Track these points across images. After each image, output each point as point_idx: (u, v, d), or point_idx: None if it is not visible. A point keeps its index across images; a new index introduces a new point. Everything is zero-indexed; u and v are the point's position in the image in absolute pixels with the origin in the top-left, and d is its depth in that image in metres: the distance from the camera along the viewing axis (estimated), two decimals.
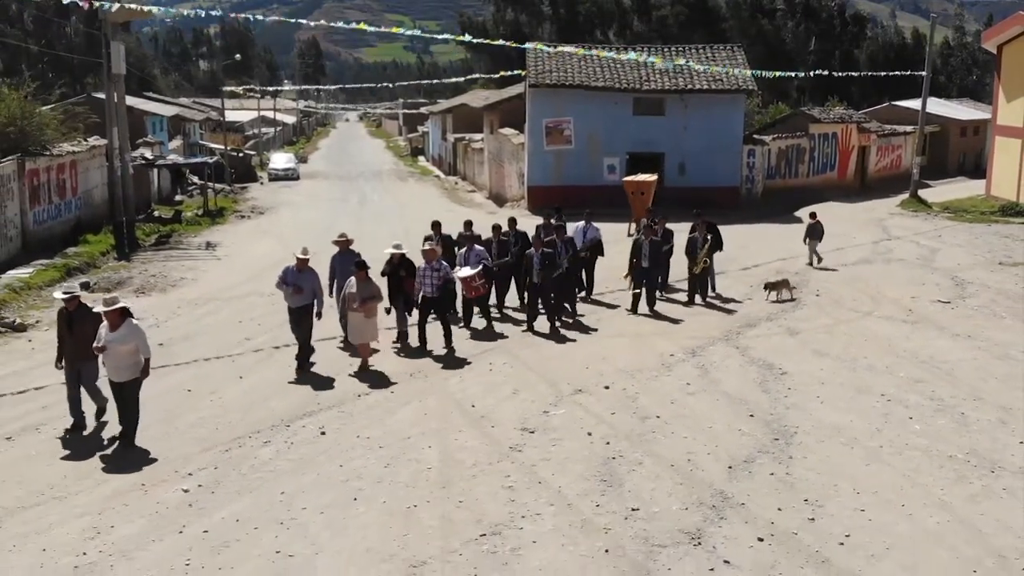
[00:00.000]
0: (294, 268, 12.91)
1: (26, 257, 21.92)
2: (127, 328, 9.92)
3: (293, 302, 12.85)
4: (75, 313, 10.35)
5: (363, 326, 12.78)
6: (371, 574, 7.29)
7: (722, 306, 17.30)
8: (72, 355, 10.34)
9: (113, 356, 9.87)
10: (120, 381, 9.95)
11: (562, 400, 11.65)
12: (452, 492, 8.84)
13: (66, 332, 10.36)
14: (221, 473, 9.32)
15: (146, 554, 7.61)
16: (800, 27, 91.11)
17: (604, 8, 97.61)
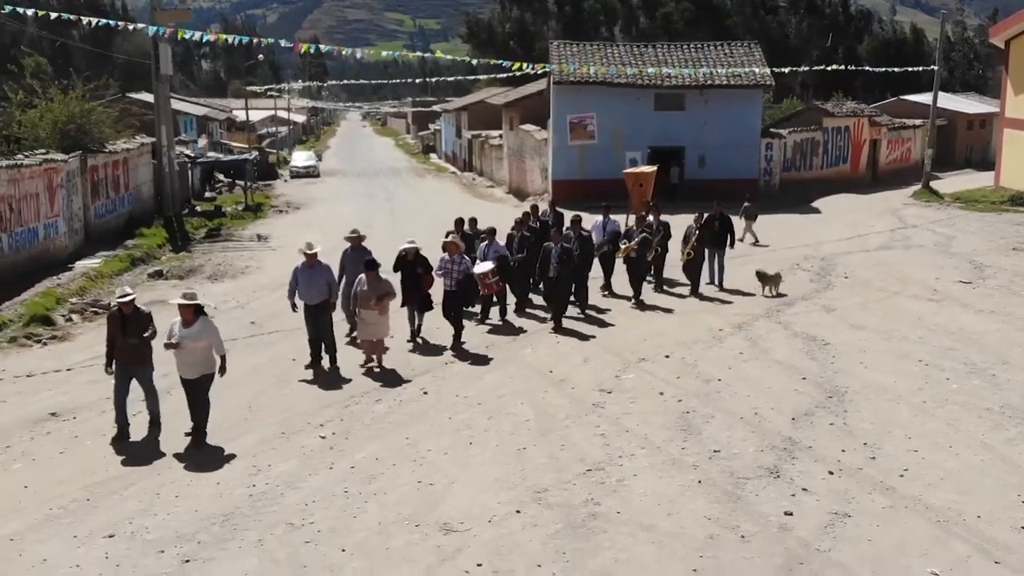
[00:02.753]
0: (304, 266, 12.57)
1: (89, 249, 23.11)
2: (201, 324, 9.79)
3: (309, 299, 12.51)
4: (130, 316, 9.94)
5: (376, 323, 12.53)
6: (502, 498, 8.51)
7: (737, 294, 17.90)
8: (127, 358, 9.95)
9: (186, 352, 9.70)
10: (191, 378, 9.81)
11: (629, 367, 12.87)
12: (553, 438, 10.07)
13: (119, 335, 9.91)
14: (348, 425, 10.56)
15: (307, 484, 8.86)
16: (803, 23, 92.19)
17: (609, 5, 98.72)
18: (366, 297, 12.42)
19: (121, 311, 9.98)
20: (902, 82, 64.73)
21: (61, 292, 17.86)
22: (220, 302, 17.34)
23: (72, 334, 14.88)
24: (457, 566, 7.29)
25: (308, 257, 12.58)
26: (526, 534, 7.82)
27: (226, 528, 7.97)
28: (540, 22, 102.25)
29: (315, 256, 12.62)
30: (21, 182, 19.29)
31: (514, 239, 16.30)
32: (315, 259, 12.60)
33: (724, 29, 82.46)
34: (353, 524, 8.04)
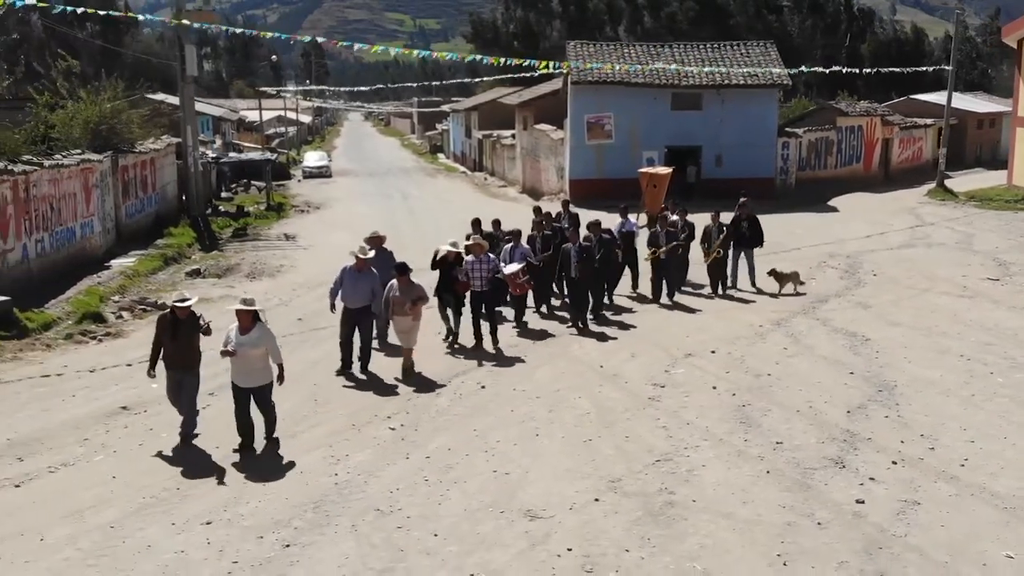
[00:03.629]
0: (353, 268, 12.43)
1: (121, 248, 23.37)
2: (259, 331, 9.53)
3: (351, 302, 12.37)
4: (184, 321, 9.72)
5: (409, 330, 12.29)
6: (578, 487, 8.77)
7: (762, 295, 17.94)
8: (174, 363, 9.76)
9: (243, 360, 9.46)
10: (247, 386, 9.60)
11: (677, 362, 13.14)
12: (616, 430, 10.33)
13: (169, 340, 9.69)
14: (414, 417, 10.82)
15: (387, 473, 9.13)
16: (806, 22, 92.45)
17: (614, 5, 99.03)
18: (400, 302, 12.14)
19: (174, 314, 9.72)
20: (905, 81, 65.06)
21: (103, 290, 18.12)
22: (263, 300, 17.56)
23: (125, 331, 15.14)
24: (548, 550, 7.54)
25: (359, 261, 12.42)
26: (608, 521, 8.07)
27: (318, 514, 8.23)
28: (544, 22, 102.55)
29: (367, 262, 12.49)
30: (61, 182, 19.55)
31: (536, 239, 16.18)
32: (366, 264, 12.47)
33: (728, 29, 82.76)
34: (440, 511, 8.29)
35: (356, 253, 12.49)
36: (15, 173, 17.01)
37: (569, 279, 15.10)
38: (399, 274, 12.27)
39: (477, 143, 59.79)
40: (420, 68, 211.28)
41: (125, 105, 25.42)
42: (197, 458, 9.62)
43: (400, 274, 12.26)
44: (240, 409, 9.67)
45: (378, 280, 12.57)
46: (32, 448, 9.89)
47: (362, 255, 12.42)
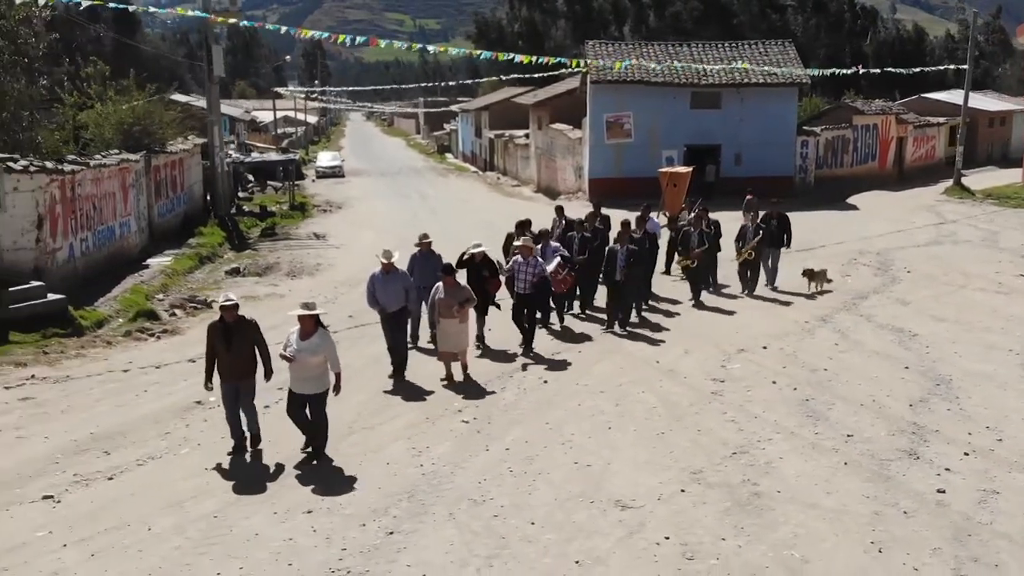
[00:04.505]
0: (380, 273, 12.24)
1: (154, 247, 23.52)
2: (320, 337, 9.20)
3: (387, 306, 12.19)
4: (234, 325, 9.32)
5: (457, 333, 12.01)
6: (661, 478, 8.96)
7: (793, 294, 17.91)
8: (230, 372, 9.35)
9: (302, 366, 9.16)
10: (306, 393, 9.28)
11: (731, 357, 13.32)
12: (687, 424, 10.52)
13: (223, 347, 9.30)
14: (485, 411, 11.01)
15: (472, 464, 9.34)
16: (810, 21, 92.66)
17: (619, 4, 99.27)
18: (447, 304, 11.85)
19: (223, 320, 9.30)
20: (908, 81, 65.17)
21: (147, 289, 18.28)
22: (309, 298, 17.74)
23: (180, 328, 15.32)
24: (646, 538, 7.73)
25: (385, 265, 12.13)
26: (698, 511, 8.26)
27: (414, 504, 8.41)
28: (550, 21, 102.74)
29: (392, 265, 12.20)
30: (102, 182, 19.72)
31: (574, 240, 16.01)
32: (392, 266, 12.20)
33: (732, 28, 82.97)
34: (531, 500, 8.48)
35: (380, 258, 12.27)
36: (64, 172, 17.18)
37: (614, 283, 14.88)
38: (445, 275, 12.09)
39: (488, 143, 59.95)
40: (421, 69, 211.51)
41: (158, 105, 25.57)
42: (284, 450, 9.78)
43: (446, 275, 12.08)
44: (296, 418, 9.49)
45: (409, 279, 12.50)
46: (116, 442, 10.07)
47: (385, 259, 12.16)
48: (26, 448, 9.86)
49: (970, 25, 41.37)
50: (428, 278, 12.97)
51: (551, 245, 15.11)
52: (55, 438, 10.12)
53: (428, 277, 13.01)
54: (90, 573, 7.22)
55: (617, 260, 14.78)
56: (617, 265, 14.75)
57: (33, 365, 12.79)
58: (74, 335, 14.56)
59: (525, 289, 13.50)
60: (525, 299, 13.56)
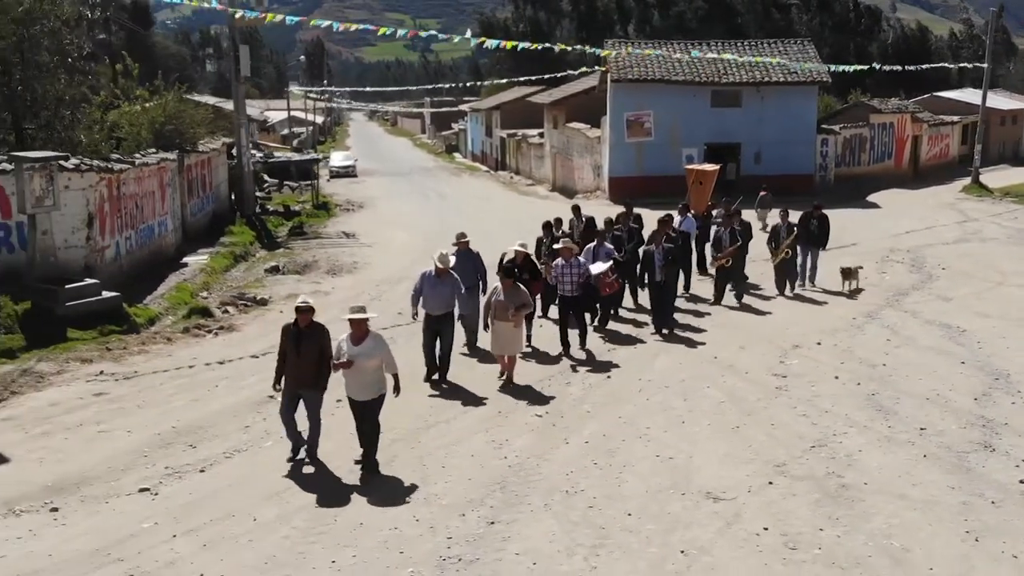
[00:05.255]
0: (433, 275, 11.95)
1: (188, 246, 23.64)
2: (373, 341, 9.00)
3: (432, 308, 11.95)
4: (305, 330, 9.07)
5: (512, 336, 11.81)
6: (746, 470, 9.10)
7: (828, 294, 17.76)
8: (295, 378, 9.11)
9: (358, 372, 8.91)
10: (363, 399, 9.03)
11: (788, 353, 13.45)
12: (759, 418, 10.65)
13: (293, 351, 9.08)
14: (555, 405, 11.18)
15: (555, 456, 9.50)
16: (814, 20, 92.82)
17: (623, 4, 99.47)
18: (503, 307, 11.61)
19: (297, 323, 9.11)
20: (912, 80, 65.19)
21: (192, 287, 18.41)
22: (353, 296, 17.90)
23: (235, 325, 15.44)
24: (745, 529, 7.86)
25: (439, 270, 11.84)
26: (789, 503, 8.39)
27: (508, 494, 8.55)
28: (554, 21, 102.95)
29: (447, 270, 11.95)
30: (143, 180, 19.85)
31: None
32: (447, 272, 11.94)
33: (736, 27, 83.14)
34: (622, 492, 8.62)
35: (436, 262, 11.87)
36: (113, 171, 17.30)
37: (653, 283, 14.71)
38: (504, 277, 11.82)
39: (500, 142, 60.07)
40: (422, 69, 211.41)
41: (188, 105, 25.69)
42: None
43: (505, 277, 11.81)
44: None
45: (460, 285, 12.19)
46: (198, 436, 10.20)
47: (442, 264, 11.83)
48: (111, 442, 9.99)
49: (989, 23, 41.43)
50: (467, 277, 12.85)
51: (605, 247, 14.92)
52: (138, 432, 10.25)
53: (467, 276, 12.88)
54: (205, 562, 7.35)
55: (655, 261, 14.58)
56: (656, 266, 14.54)
57: (99, 361, 12.91)
58: (129, 332, 14.69)
59: (571, 292, 13.24)
60: (571, 302, 13.32)
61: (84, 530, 7.93)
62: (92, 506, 8.44)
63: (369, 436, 9.10)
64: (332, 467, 9.28)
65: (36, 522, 8.11)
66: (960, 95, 54.46)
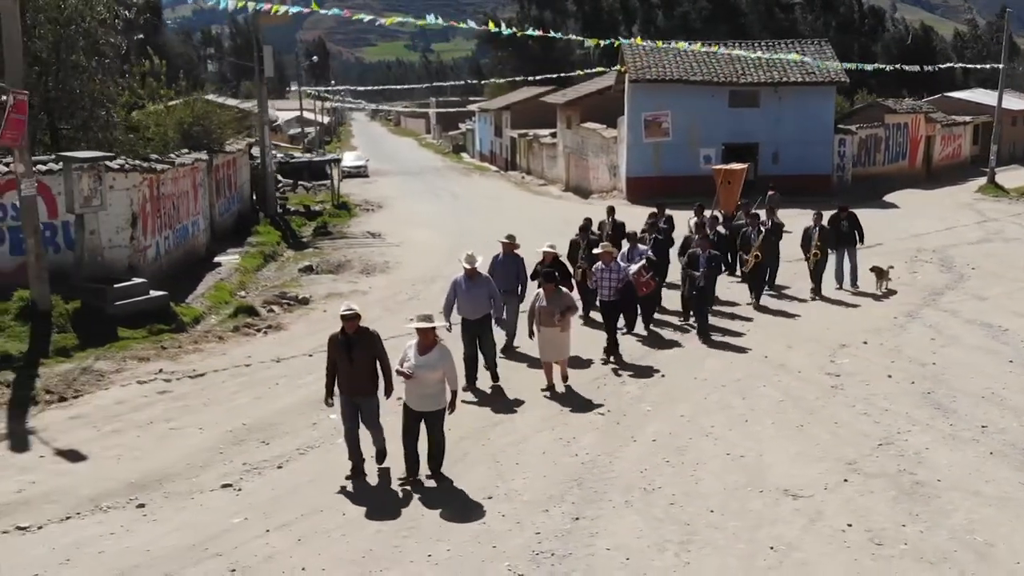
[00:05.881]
0: (465, 279, 11.72)
1: (217, 246, 23.71)
2: (439, 352, 8.68)
3: (470, 313, 11.71)
4: (355, 336, 8.79)
5: (560, 342, 11.64)
6: (819, 468, 9.21)
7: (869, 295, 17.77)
8: (350, 387, 8.84)
9: (419, 382, 8.64)
10: (421, 410, 8.77)
11: (836, 352, 13.56)
12: (821, 417, 10.76)
13: (344, 359, 8.80)
14: (616, 403, 11.28)
15: (625, 454, 9.62)
16: (818, 20, 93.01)
17: (627, 4, 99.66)
18: (548, 312, 11.42)
19: (344, 331, 8.79)
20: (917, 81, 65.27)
21: (230, 286, 18.51)
22: (390, 294, 18.03)
23: (282, 324, 15.53)
24: (829, 525, 7.96)
25: (468, 271, 11.61)
26: (867, 500, 8.49)
27: (586, 491, 8.66)
28: (559, 21, 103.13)
29: (476, 271, 11.71)
30: (178, 180, 19.93)
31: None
32: (476, 272, 11.69)
33: (741, 28, 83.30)
34: (700, 489, 8.72)
35: (464, 263, 11.69)
36: (155, 171, 17.40)
37: (695, 287, 14.52)
38: (546, 282, 11.65)
39: (510, 142, 60.21)
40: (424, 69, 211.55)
41: (214, 105, 25.79)
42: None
43: (547, 282, 11.65)
44: (409, 436, 8.83)
45: (494, 286, 11.96)
46: (269, 433, 10.31)
47: (468, 264, 11.62)
48: (184, 439, 10.10)
49: (1005, 24, 41.53)
50: (509, 281, 12.81)
51: (639, 248, 15.00)
52: (209, 430, 10.36)
53: (509, 280, 12.84)
54: (303, 557, 7.46)
55: (700, 263, 14.45)
56: (699, 269, 14.40)
57: (156, 360, 13.02)
58: (177, 331, 14.77)
59: (610, 296, 13.07)
60: (611, 306, 13.16)
61: (176, 526, 8.04)
62: (177, 502, 8.55)
63: (436, 447, 8.89)
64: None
65: (125, 518, 8.21)
66: (970, 95, 54.66)
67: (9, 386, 11.52)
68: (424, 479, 8.92)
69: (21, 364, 12.41)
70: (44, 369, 12.27)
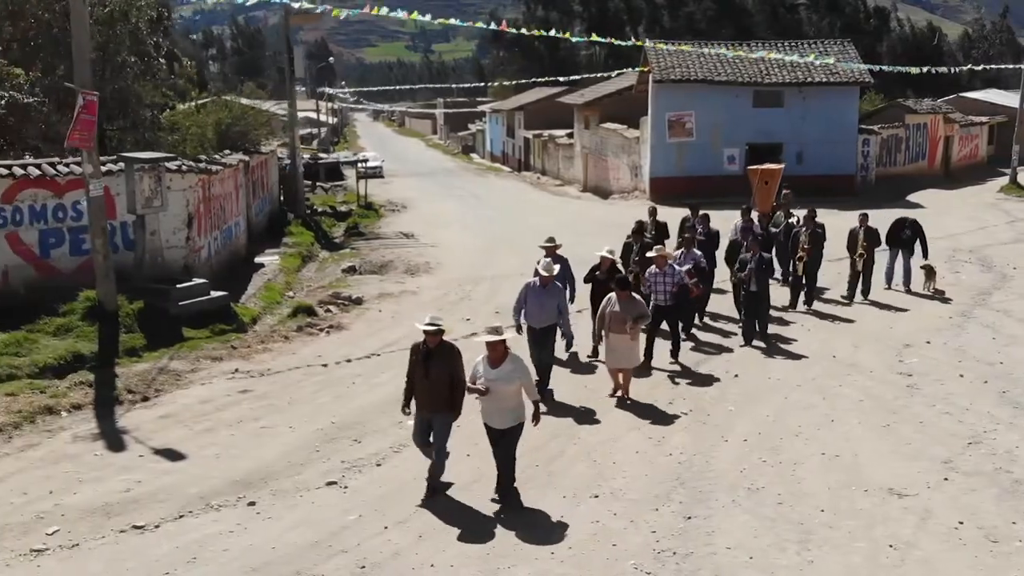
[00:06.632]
0: (537, 285, 11.48)
1: (254, 246, 23.74)
2: (512, 364, 8.32)
3: (537, 321, 11.41)
4: (435, 350, 8.44)
5: (629, 350, 11.38)
6: (917, 467, 9.27)
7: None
8: (424, 402, 8.48)
9: (495, 398, 8.27)
10: (500, 427, 8.39)
11: (902, 352, 13.61)
12: (904, 416, 10.82)
13: (421, 373, 8.44)
14: (695, 403, 11.35)
15: (720, 454, 9.69)
16: (824, 21, 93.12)
17: (634, 5, 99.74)
18: (620, 319, 11.12)
19: (425, 343, 8.46)
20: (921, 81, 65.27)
21: (278, 286, 18.56)
22: (438, 295, 18.08)
23: (343, 324, 15.57)
24: (941, 524, 8.02)
25: (544, 277, 11.35)
26: (971, 498, 8.55)
27: (690, 490, 8.72)
28: (566, 22, 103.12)
29: (552, 278, 11.48)
30: (224, 181, 19.98)
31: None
32: (551, 280, 11.47)
33: (746, 28, 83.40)
34: (804, 489, 8.78)
35: (541, 270, 11.43)
36: (210, 172, 17.45)
37: (748, 292, 14.14)
38: (619, 288, 11.37)
39: (524, 142, 60.29)
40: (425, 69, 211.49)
41: (248, 107, 25.87)
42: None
43: (620, 288, 11.37)
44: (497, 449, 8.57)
45: (564, 296, 11.80)
46: (358, 431, 10.38)
47: (546, 271, 11.35)
48: (277, 438, 10.16)
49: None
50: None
51: (693, 253, 14.47)
52: (299, 428, 10.42)
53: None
54: (429, 553, 7.52)
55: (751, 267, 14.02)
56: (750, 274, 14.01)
57: (228, 360, 13.08)
58: (238, 331, 14.82)
59: (665, 301, 12.75)
60: (665, 311, 12.82)
61: (292, 523, 8.09)
62: (286, 500, 8.60)
63: (507, 467, 8.45)
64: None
65: (239, 516, 8.27)
66: (984, 95, 54.67)
67: (92, 386, 11.57)
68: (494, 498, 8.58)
69: (95, 364, 12.46)
70: (120, 369, 12.33)
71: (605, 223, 26.93)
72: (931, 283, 18.09)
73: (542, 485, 8.86)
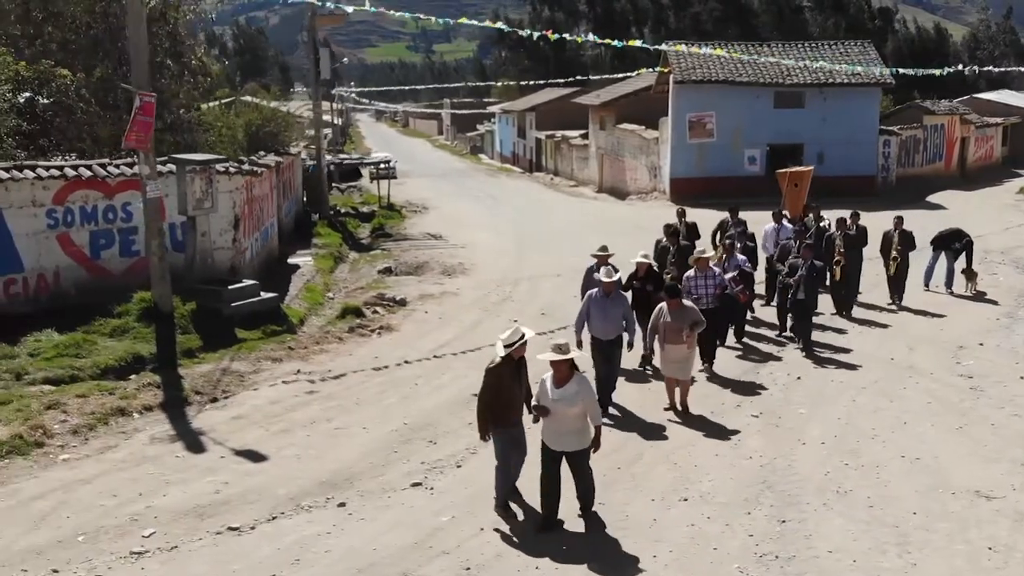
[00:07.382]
0: (600, 295, 10.96)
1: (284, 247, 23.73)
2: (577, 384, 7.88)
3: (602, 333, 10.96)
4: (521, 361, 8.15)
5: (686, 360, 10.99)
6: (998, 469, 9.30)
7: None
8: (514, 417, 8.26)
9: (557, 419, 7.86)
10: (559, 450, 7.95)
11: (957, 354, 13.63)
12: (972, 418, 10.86)
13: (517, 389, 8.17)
14: (764, 405, 11.38)
15: (800, 457, 9.69)
16: (828, 21, 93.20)
17: (639, 5, 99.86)
18: (675, 329, 10.74)
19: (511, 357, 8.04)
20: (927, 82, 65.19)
21: (318, 287, 18.55)
22: (480, 295, 18.09)
23: (392, 325, 15.55)
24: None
25: (607, 285, 10.87)
26: None
27: (777, 494, 8.72)
28: (571, 22, 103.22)
29: (615, 285, 11.07)
30: (262, 183, 19.97)
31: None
32: (614, 288, 11.03)
33: (752, 29, 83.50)
34: (891, 492, 8.79)
35: (602, 277, 10.96)
36: (255, 174, 17.46)
37: (796, 300, 13.83)
38: (670, 297, 10.92)
39: (535, 143, 60.29)
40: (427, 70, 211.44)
41: (279, 110, 25.87)
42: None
43: (671, 297, 10.91)
44: (548, 477, 8.04)
45: (628, 305, 11.38)
46: (431, 432, 10.39)
47: (607, 278, 10.86)
48: (353, 439, 10.17)
49: None
50: None
51: (736, 258, 14.15)
52: (373, 429, 10.43)
53: None
54: (532, 555, 7.52)
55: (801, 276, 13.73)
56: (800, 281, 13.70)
57: (288, 361, 13.07)
58: (288, 331, 14.80)
59: (708, 304, 12.20)
60: (709, 315, 11.92)
61: (388, 525, 8.10)
62: (375, 501, 8.61)
63: (584, 486, 8.13)
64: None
65: (332, 517, 8.27)
66: (997, 96, 54.69)
67: (159, 387, 11.55)
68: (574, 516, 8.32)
69: (156, 365, 12.46)
70: (183, 370, 12.32)
71: (629, 224, 27.01)
72: (972, 284, 18.10)
73: (628, 488, 8.86)
